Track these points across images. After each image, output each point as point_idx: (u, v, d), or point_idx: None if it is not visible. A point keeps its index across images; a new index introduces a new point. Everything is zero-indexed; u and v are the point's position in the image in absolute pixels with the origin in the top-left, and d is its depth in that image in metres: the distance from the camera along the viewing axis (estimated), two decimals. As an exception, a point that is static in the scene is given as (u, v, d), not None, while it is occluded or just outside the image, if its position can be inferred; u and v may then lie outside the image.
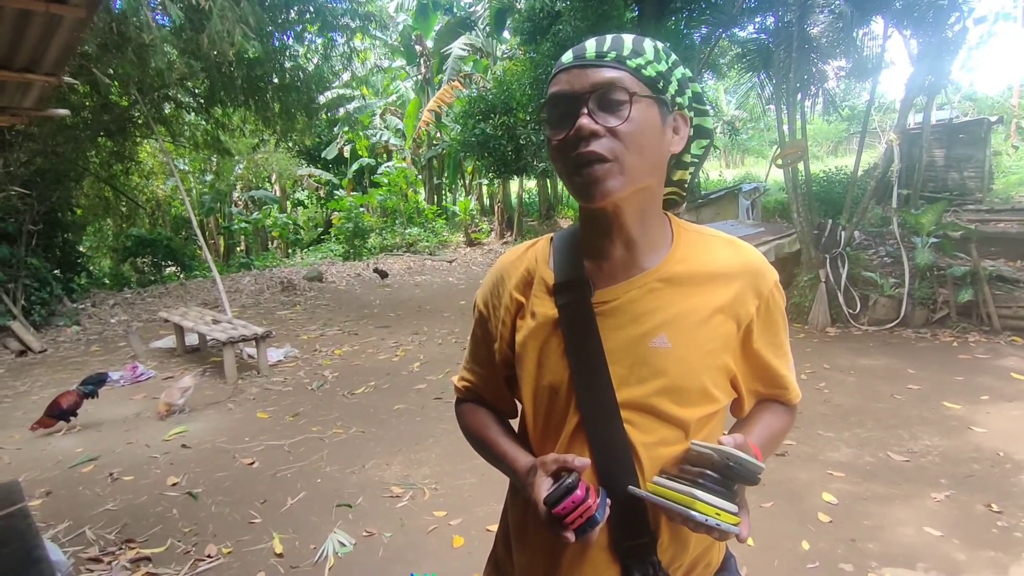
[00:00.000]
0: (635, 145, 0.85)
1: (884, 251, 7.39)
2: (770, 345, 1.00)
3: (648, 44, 0.89)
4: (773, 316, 0.98)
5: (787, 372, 1.04)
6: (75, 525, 3.11)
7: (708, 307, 0.92)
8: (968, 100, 19.66)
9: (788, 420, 1.09)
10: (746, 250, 0.98)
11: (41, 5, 2.26)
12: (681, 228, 0.99)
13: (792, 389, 1.06)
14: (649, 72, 0.87)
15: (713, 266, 0.94)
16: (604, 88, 0.85)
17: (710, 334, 0.92)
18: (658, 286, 0.92)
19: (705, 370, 0.92)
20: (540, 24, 9.79)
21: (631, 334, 0.91)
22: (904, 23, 7.67)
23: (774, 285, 0.98)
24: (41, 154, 8.64)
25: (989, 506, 3.00)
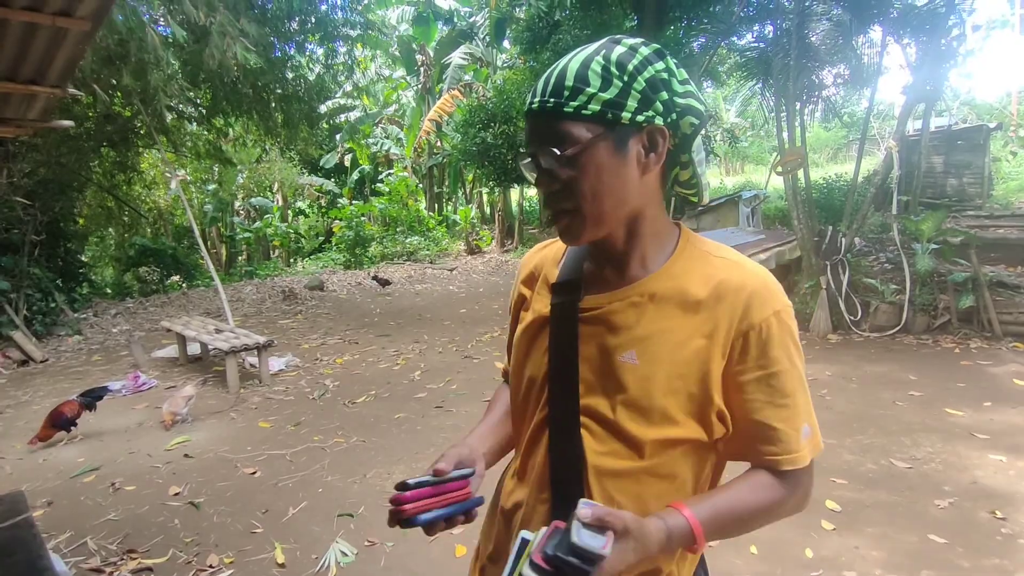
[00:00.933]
0: (589, 193, 0.84)
1: (884, 257, 7.40)
2: (762, 384, 0.87)
3: (595, 69, 0.82)
4: (771, 350, 0.86)
5: (782, 425, 0.87)
6: (77, 535, 3.11)
7: (687, 330, 0.87)
8: (966, 106, 19.72)
9: (775, 493, 0.89)
10: (747, 272, 0.89)
11: (47, 18, 2.29)
12: (687, 243, 0.94)
13: (784, 446, 0.87)
14: (593, 107, 0.81)
15: (704, 287, 0.88)
16: (550, 141, 0.83)
17: (682, 358, 0.87)
18: (640, 300, 0.90)
19: (670, 394, 0.87)
20: (540, 34, 9.86)
21: (604, 345, 0.91)
22: (902, 31, 7.72)
23: (774, 314, 0.86)
24: (45, 165, 8.69)
25: (993, 513, 2.99)
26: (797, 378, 0.88)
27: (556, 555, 0.72)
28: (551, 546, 0.74)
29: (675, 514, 0.83)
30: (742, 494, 0.88)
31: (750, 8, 8.74)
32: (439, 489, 0.90)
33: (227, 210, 19.32)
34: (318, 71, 10.21)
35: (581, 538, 0.72)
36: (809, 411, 0.90)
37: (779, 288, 0.90)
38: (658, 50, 0.86)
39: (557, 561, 0.72)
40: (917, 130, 10.39)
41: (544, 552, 0.74)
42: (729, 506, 0.87)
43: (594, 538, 0.73)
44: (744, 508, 0.87)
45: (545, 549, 0.74)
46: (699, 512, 0.83)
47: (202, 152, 11.93)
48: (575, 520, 0.74)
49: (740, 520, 0.88)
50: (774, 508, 0.89)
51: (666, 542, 0.80)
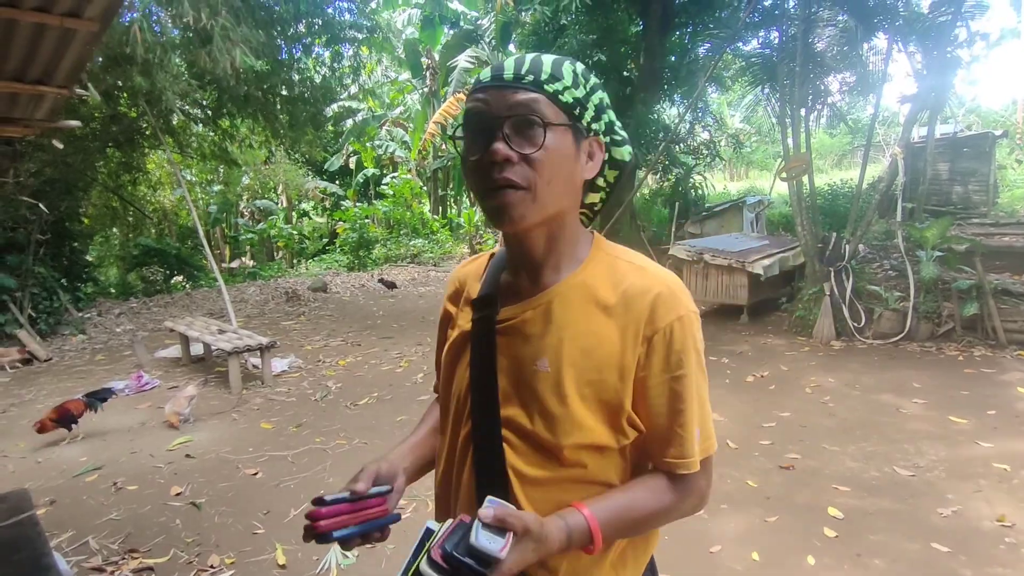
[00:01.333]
0: (548, 173, 0.84)
1: (889, 264, 7.38)
2: (663, 389, 0.88)
3: (567, 68, 0.87)
4: (672, 355, 0.87)
5: (681, 430, 0.88)
6: (79, 534, 3.12)
7: (595, 334, 0.88)
8: (972, 113, 19.69)
9: (671, 497, 0.90)
10: (652, 277, 0.90)
11: (55, 19, 2.30)
12: (598, 250, 0.95)
13: (680, 450, 0.89)
14: (566, 98, 0.85)
15: (610, 291, 0.89)
16: (519, 113, 0.83)
17: (592, 363, 0.87)
18: (550, 308, 0.90)
19: (581, 399, 0.87)
20: (545, 38, 9.87)
21: (519, 355, 0.91)
22: (907, 39, 7.72)
23: (678, 319, 0.87)
24: (51, 164, 8.73)
25: (996, 522, 2.98)
26: (695, 384, 0.89)
27: (453, 554, 0.73)
28: (451, 543, 0.74)
29: (575, 513, 0.84)
30: (640, 496, 0.89)
31: (756, 14, 8.75)
32: (356, 506, 0.89)
33: (231, 211, 19.38)
34: (324, 73, 10.24)
35: (479, 540, 0.72)
36: (703, 415, 0.91)
37: (685, 293, 0.91)
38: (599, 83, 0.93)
39: (454, 560, 0.72)
40: (922, 137, 10.38)
41: (443, 548, 0.74)
42: (627, 508, 0.88)
43: (492, 540, 0.73)
44: (641, 511, 0.89)
45: (444, 545, 0.74)
46: (598, 512, 0.84)
47: (207, 153, 11.97)
48: (476, 520, 0.74)
49: (637, 522, 0.90)
50: (670, 511, 0.91)
51: (566, 541, 0.81)
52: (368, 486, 0.92)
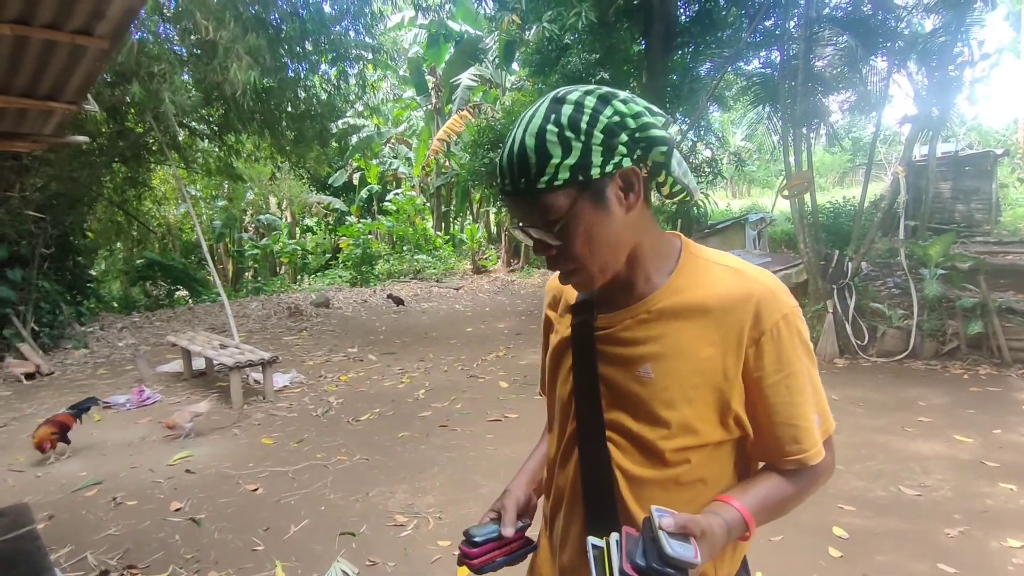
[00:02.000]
0: (584, 249, 0.88)
1: (892, 282, 7.37)
2: (780, 387, 0.91)
3: (551, 139, 0.83)
4: (783, 352, 0.90)
5: (802, 422, 0.92)
6: (77, 550, 3.09)
7: (696, 339, 0.91)
8: (973, 132, 19.77)
9: (801, 483, 0.97)
10: (750, 278, 0.93)
11: (66, 36, 2.33)
12: (689, 255, 0.97)
13: (804, 444, 0.93)
14: (562, 176, 0.83)
15: (708, 296, 0.92)
16: (533, 219, 0.88)
17: (695, 368, 0.91)
18: (648, 317, 0.94)
19: (686, 403, 0.91)
20: (549, 56, 9.96)
21: (621, 361, 0.95)
22: (908, 59, 7.78)
23: (782, 318, 0.90)
24: (57, 179, 8.79)
25: (1004, 543, 2.94)
26: (806, 376, 0.93)
27: (652, 566, 0.77)
28: (639, 556, 0.79)
29: (727, 508, 0.90)
30: (777, 482, 0.96)
31: (757, 34, 8.83)
32: (503, 542, 1.06)
33: (235, 226, 19.46)
34: (330, 91, 10.33)
35: (673, 549, 0.77)
36: (818, 400, 0.95)
37: (784, 290, 0.94)
38: (603, 96, 0.86)
39: (652, 572, 0.77)
40: (924, 155, 10.43)
41: (634, 562, 0.78)
42: (769, 495, 0.94)
43: (684, 547, 0.78)
44: (781, 495, 0.96)
45: (634, 559, 0.78)
46: (747, 503, 0.91)
47: (213, 169, 12.06)
48: (660, 531, 0.79)
49: (780, 505, 0.96)
50: (805, 491, 0.98)
51: (727, 535, 0.87)
52: (514, 527, 1.07)
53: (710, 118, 13.50)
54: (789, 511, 0.99)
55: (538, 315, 8.77)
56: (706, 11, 9.58)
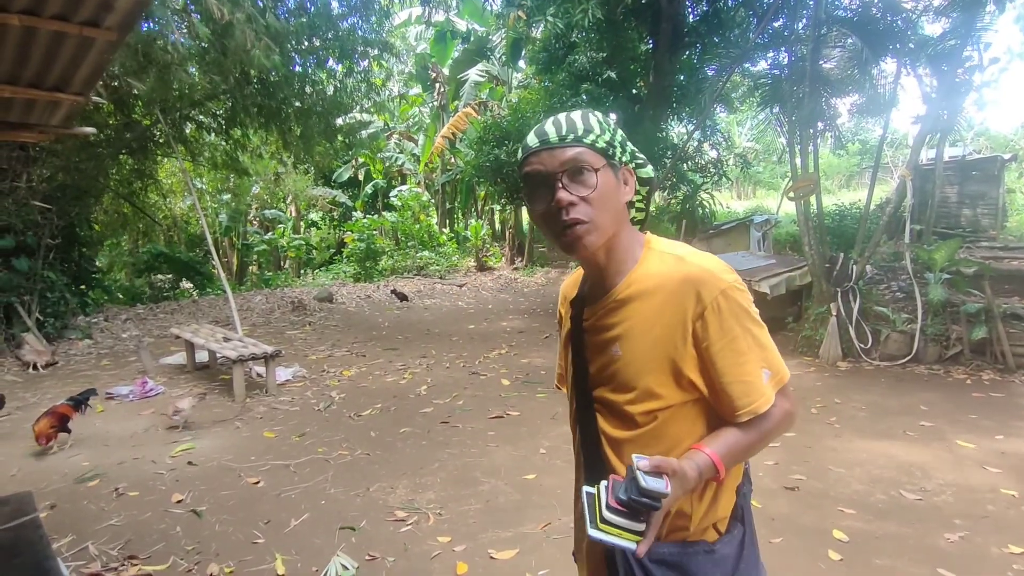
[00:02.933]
0: (602, 206, 1.08)
1: (896, 286, 7.34)
2: (726, 351, 1.07)
3: (593, 119, 1.10)
4: (724, 321, 1.06)
5: (750, 378, 1.08)
6: (78, 539, 3.11)
7: (650, 318, 1.10)
8: (981, 136, 19.68)
9: (761, 429, 1.11)
10: (691, 262, 1.10)
11: (75, 28, 2.33)
12: (648, 249, 1.17)
13: (752, 396, 1.08)
14: (600, 144, 1.08)
15: (656, 281, 1.11)
16: (571, 165, 1.06)
17: (651, 342, 1.10)
18: (614, 305, 1.14)
19: (647, 373, 1.10)
20: (556, 54, 9.95)
21: (599, 345, 1.17)
22: (917, 62, 7.74)
23: (720, 292, 1.06)
24: (63, 170, 8.81)
25: (1005, 548, 2.93)
26: (750, 337, 1.09)
27: (630, 498, 0.94)
28: (621, 491, 0.96)
29: (698, 454, 1.06)
30: (741, 431, 1.10)
31: (765, 35, 8.80)
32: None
33: (240, 220, 19.49)
34: (335, 87, 10.31)
35: (648, 483, 0.93)
36: (765, 357, 1.10)
37: (723, 269, 1.10)
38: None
39: (632, 503, 0.94)
40: (931, 159, 10.38)
41: (617, 497, 0.96)
42: (735, 441, 1.10)
43: (656, 481, 0.94)
44: (747, 440, 1.10)
45: (618, 495, 0.96)
46: (716, 449, 1.07)
47: (219, 162, 12.07)
48: (637, 470, 0.95)
49: (746, 448, 1.11)
50: (769, 435, 1.13)
51: (698, 476, 1.04)
52: None
53: (716, 119, 13.44)
54: (758, 451, 1.15)
55: (540, 313, 8.81)
56: (714, 11, 9.56)
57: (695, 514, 1.13)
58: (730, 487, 1.17)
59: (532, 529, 3.19)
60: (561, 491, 3.62)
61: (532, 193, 1.11)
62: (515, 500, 3.55)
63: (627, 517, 0.95)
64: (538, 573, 2.79)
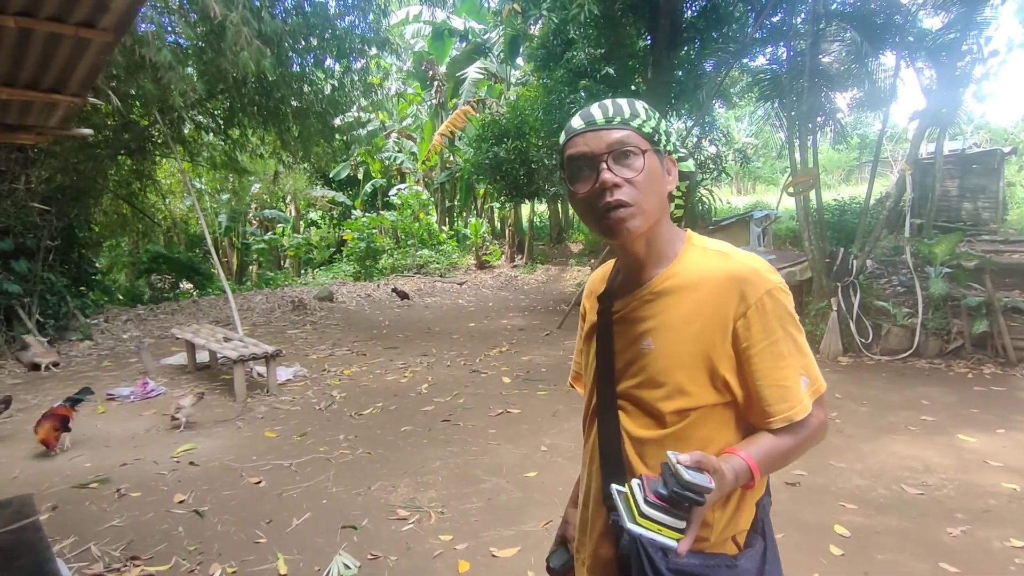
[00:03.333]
0: (647, 190, 1.05)
1: (897, 280, 7.34)
2: (765, 353, 1.04)
3: (639, 106, 1.08)
4: (767, 323, 1.03)
5: (788, 383, 1.04)
6: (80, 541, 3.11)
7: (689, 313, 1.06)
8: (981, 130, 19.65)
9: (797, 437, 1.07)
10: (737, 260, 1.07)
11: (71, 29, 2.33)
12: (690, 244, 1.14)
13: (791, 402, 1.04)
14: (647, 129, 1.06)
15: (699, 276, 1.07)
16: (618, 146, 1.04)
17: (688, 337, 1.06)
18: (651, 297, 1.10)
19: (680, 368, 1.06)
20: (554, 51, 9.92)
21: (630, 337, 1.13)
22: (916, 55, 7.72)
23: (766, 292, 1.03)
24: (62, 171, 8.81)
25: (1007, 542, 2.93)
26: (792, 342, 1.06)
27: (672, 491, 0.89)
28: (660, 486, 0.91)
29: (734, 458, 1.01)
30: (777, 437, 1.06)
31: (763, 30, 8.77)
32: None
33: (240, 220, 19.49)
34: (333, 86, 10.28)
35: (691, 476, 0.89)
36: (804, 364, 1.07)
37: (768, 269, 1.07)
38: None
39: (674, 496, 0.89)
40: (931, 153, 10.36)
41: (657, 491, 0.91)
42: (771, 448, 1.05)
43: (699, 476, 0.90)
44: (783, 447, 1.06)
45: (657, 490, 0.91)
46: (752, 454, 1.03)
47: (218, 162, 12.05)
48: (678, 465, 0.90)
49: (783, 455, 1.07)
50: (802, 445, 1.09)
51: (734, 480, 0.99)
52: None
53: (715, 114, 13.42)
54: (791, 462, 1.11)
55: (540, 311, 8.80)
56: (712, 6, 9.52)
57: (717, 524, 1.08)
58: (752, 498, 1.13)
59: (534, 527, 3.19)
60: (563, 489, 3.62)
61: (575, 175, 1.08)
62: (517, 498, 3.55)
63: (668, 512, 0.90)
64: (539, 570, 2.79)
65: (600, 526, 1.17)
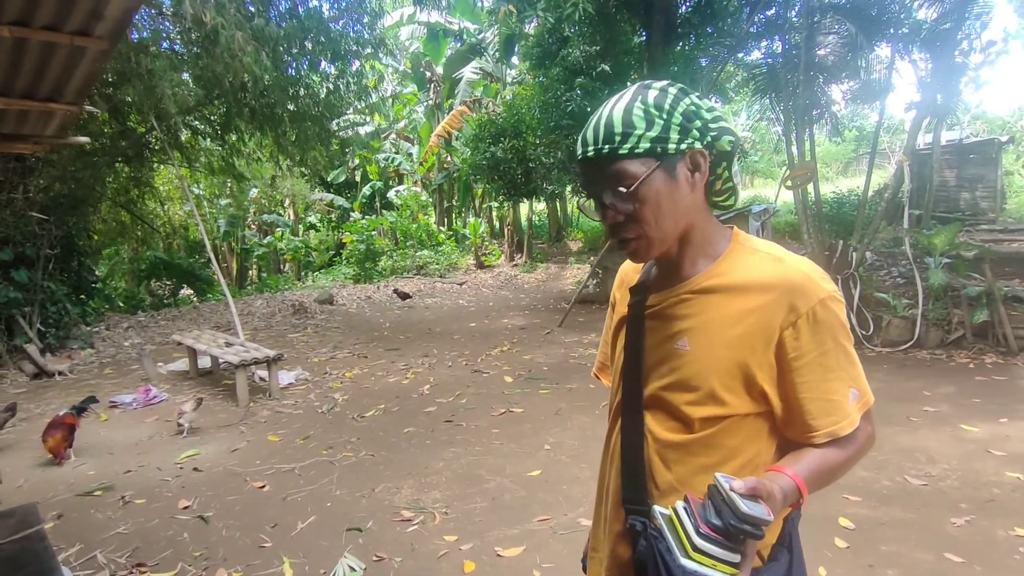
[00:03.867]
0: (652, 217, 0.98)
1: (897, 272, 7.34)
2: (813, 365, 0.98)
3: (637, 113, 0.96)
4: (818, 333, 0.97)
5: (836, 396, 0.99)
6: (86, 548, 3.12)
7: (732, 316, 1.00)
8: (978, 120, 19.63)
9: (846, 451, 1.02)
10: (789, 265, 1.01)
11: (65, 38, 2.33)
12: (737, 244, 1.06)
13: (836, 416, 0.99)
14: (643, 146, 0.95)
15: (747, 279, 1.01)
16: (613, 183, 0.97)
17: (728, 341, 0.99)
18: (690, 296, 1.04)
19: (715, 374, 1.00)
20: (549, 49, 9.91)
21: (663, 335, 1.07)
22: (911, 47, 7.72)
23: (819, 302, 0.97)
24: (60, 180, 8.81)
25: (1011, 531, 2.94)
26: (843, 353, 1.00)
27: (728, 524, 0.84)
28: (712, 515, 0.86)
29: (780, 476, 0.95)
30: (824, 452, 1.00)
31: (758, 24, 8.77)
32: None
33: (239, 224, 19.49)
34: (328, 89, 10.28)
35: (749, 508, 0.84)
36: (854, 376, 1.01)
37: (823, 277, 1.00)
38: (683, 88, 1.00)
39: (732, 530, 0.84)
40: (928, 144, 10.36)
41: (710, 522, 0.86)
42: (819, 465, 0.99)
43: (757, 507, 0.84)
44: (832, 462, 1.01)
45: (709, 520, 0.86)
46: (799, 471, 0.97)
47: (216, 168, 12.06)
48: (732, 493, 0.85)
49: (831, 472, 1.01)
50: (850, 461, 1.03)
51: (783, 501, 0.93)
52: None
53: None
54: (839, 478, 1.04)
55: (541, 310, 8.81)
56: (707, 1, 9.51)
57: None
58: (783, 512, 1.06)
59: (538, 526, 3.20)
60: (566, 487, 3.62)
61: (589, 203, 1.05)
62: (521, 497, 3.55)
63: (722, 546, 0.84)
64: (545, 569, 2.79)
65: (618, 527, 1.13)
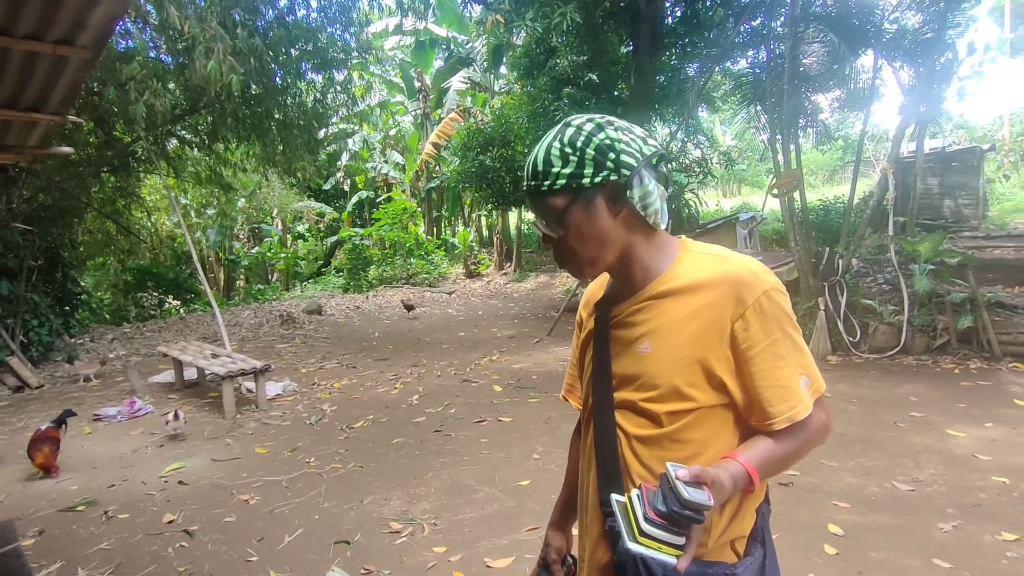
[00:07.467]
0: (577, 245, 1.08)
1: (882, 278, 7.41)
2: (764, 354, 1.04)
3: (555, 152, 1.04)
4: (765, 323, 1.04)
5: (788, 383, 1.04)
6: (68, 565, 3.06)
7: (686, 315, 1.06)
8: (960, 128, 19.92)
9: (798, 438, 1.07)
10: (733, 262, 1.08)
11: (48, 47, 2.31)
12: (685, 250, 1.13)
13: (792, 401, 1.04)
14: (560, 182, 1.04)
15: (697, 279, 1.07)
16: (541, 214, 1.09)
17: (685, 339, 1.06)
18: (647, 303, 1.11)
19: (677, 371, 1.06)
20: (536, 59, 9.98)
21: (626, 341, 1.13)
22: (894, 56, 7.83)
23: (763, 293, 1.04)
24: (44, 190, 8.72)
25: (998, 536, 2.95)
26: (790, 342, 1.06)
27: (672, 510, 0.89)
28: (659, 502, 0.91)
29: (732, 463, 1.02)
30: (777, 440, 1.06)
31: (743, 34, 8.86)
32: None
33: (227, 235, 19.37)
34: (314, 98, 10.27)
35: (690, 494, 0.89)
36: (803, 364, 1.07)
37: (765, 271, 1.07)
38: (601, 123, 1.06)
39: (674, 515, 0.89)
40: (912, 152, 10.49)
41: (656, 508, 0.91)
42: (770, 452, 1.05)
43: (699, 493, 0.90)
44: (784, 450, 1.06)
45: (656, 506, 0.91)
46: (751, 458, 1.03)
47: (203, 178, 11.98)
48: (676, 480, 0.91)
49: (783, 459, 1.07)
50: (804, 447, 1.09)
51: (733, 486, 0.99)
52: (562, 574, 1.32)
53: (699, 118, 13.52)
54: (792, 464, 1.11)
55: (530, 319, 8.78)
56: (693, 12, 9.61)
57: (715, 528, 1.07)
58: (752, 504, 1.12)
59: (528, 536, 3.18)
60: (555, 496, 3.59)
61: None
62: (510, 507, 3.53)
63: (667, 530, 0.89)
64: (535, 580, 2.77)
65: (596, 531, 1.16)
